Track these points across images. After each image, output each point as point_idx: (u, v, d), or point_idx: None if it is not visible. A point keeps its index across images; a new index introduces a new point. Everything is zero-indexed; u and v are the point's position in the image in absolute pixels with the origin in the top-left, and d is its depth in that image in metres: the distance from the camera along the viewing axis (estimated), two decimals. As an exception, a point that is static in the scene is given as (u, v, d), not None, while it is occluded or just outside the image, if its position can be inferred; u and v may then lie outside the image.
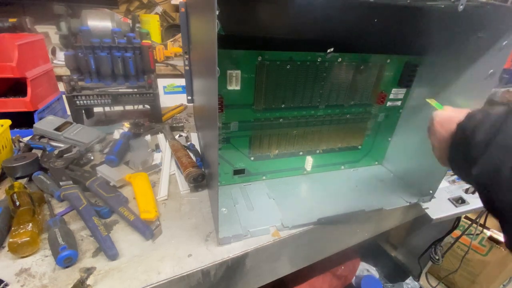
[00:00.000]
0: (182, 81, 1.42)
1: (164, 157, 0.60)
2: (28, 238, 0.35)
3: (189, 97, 0.68)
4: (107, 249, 0.36)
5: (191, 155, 0.58)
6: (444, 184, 0.63)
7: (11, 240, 0.35)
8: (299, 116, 0.51)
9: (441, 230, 0.77)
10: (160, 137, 0.70)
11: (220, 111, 0.45)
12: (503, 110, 0.28)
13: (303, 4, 0.54)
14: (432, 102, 0.43)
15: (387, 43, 0.55)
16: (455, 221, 0.75)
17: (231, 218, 0.43)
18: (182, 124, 0.78)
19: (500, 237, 0.92)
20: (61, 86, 0.73)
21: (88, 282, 0.33)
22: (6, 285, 0.32)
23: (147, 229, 0.40)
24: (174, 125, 0.76)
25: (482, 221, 0.85)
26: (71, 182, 0.48)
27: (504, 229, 0.27)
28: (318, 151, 0.56)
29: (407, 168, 0.58)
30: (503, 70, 0.42)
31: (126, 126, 0.73)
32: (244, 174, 0.53)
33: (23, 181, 0.49)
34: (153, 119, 0.78)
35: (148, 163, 0.59)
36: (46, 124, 0.64)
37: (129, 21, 1.34)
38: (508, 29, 0.38)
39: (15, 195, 0.42)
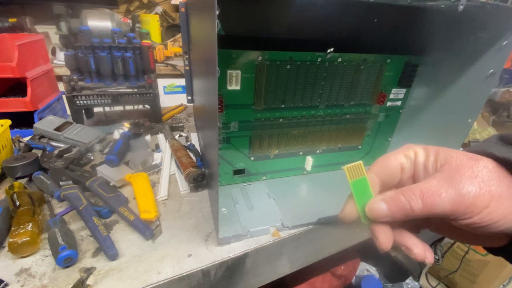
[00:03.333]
0: (182, 81, 1.42)
1: (164, 157, 0.60)
2: (28, 238, 0.35)
3: (189, 97, 0.68)
4: (107, 249, 0.36)
5: (191, 155, 0.58)
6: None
7: (11, 240, 0.35)
8: (299, 116, 0.51)
9: (441, 230, 0.77)
10: (160, 137, 0.70)
11: (220, 111, 0.45)
12: None
13: (303, 4, 0.54)
14: (350, 172, 0.25)
15: (387, 43, 0.55)
16: (455, 221, 0.75)
17: (231, 218, 0.43)
18: (182, 124, 0.78)
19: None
20: (61, 86, 0.74)
21: (88, 282, 0.33)
22: (6, 285, 0.32)
23: (147, 229, 0.40)
24: (174, 125, 0.76)
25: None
26: (71, 182, 0.48)
27: None
28: (318, 151, 0.56)
29: (407, 168, 0.57)
30: (503, 70, 0.42)
31: (126, 126, 0.73)
32: (244, 174, 0.53)
33: (23, 181, 0.49)
34: (153, 119, 0.78)
35: (148, 163, 0.59)
36: (46, 124, 0.64)
37: (129, 21, 1.35)
38: (508, 29, 0.38)
39: (15, 195, 0.42)
